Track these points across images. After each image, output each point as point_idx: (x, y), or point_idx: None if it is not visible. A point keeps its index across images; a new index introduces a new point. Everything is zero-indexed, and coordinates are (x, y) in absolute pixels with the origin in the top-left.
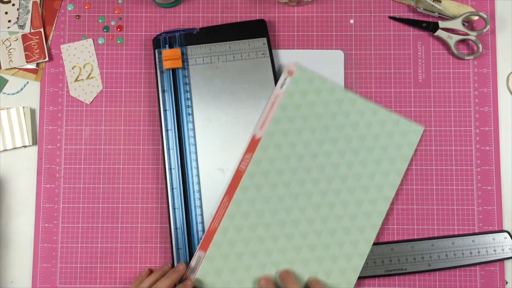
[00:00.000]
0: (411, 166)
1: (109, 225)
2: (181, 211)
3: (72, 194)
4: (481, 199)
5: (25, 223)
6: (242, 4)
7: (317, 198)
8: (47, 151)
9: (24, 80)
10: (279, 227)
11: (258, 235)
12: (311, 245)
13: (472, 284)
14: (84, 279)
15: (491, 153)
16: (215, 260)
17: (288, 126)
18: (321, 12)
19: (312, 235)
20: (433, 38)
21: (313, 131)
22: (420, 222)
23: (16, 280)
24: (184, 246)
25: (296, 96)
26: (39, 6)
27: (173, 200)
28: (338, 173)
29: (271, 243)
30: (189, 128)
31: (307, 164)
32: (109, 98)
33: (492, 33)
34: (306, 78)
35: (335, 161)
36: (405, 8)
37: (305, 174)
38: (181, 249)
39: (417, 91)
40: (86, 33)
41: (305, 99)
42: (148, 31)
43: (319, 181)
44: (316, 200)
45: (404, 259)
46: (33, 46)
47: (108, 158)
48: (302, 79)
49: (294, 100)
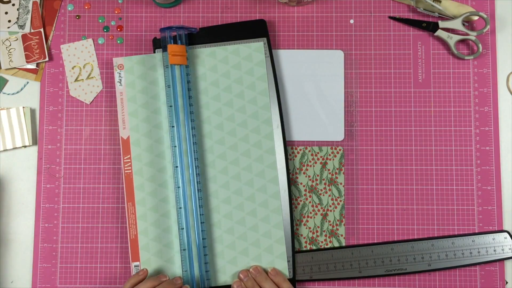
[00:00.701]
0: (411, 166)
1: (109, 225)
2: (183, 209)
3: (72, 194)
4: (481, 199)
5: (25, 223)
6: (242, 4)
7: (210, 172)
8: (47, 151)
9: (24, 80)
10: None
11: (175, 219)
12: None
13: (472, 284)
14: (84, 279)
15: (491, 153)
16: (151, 263)
17: (146, 113)
18: (321, 12)
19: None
20: (433, 38)
21: (171, 104)
22: (420, 222)
23: (16, 280)
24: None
25: (137, 83)
26: (39, 6)
27: (177, 199)
28: (215, 138)
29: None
30: (191, 126)
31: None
32: (109, 98)
33: (492, 33)
34: (136, 63)
35: (207, 125)
36: (405, 8)
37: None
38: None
39: (417, 91)
40: (86, 33)
41: (146, 80)
42: (148, 31)
43: (203, 154)
44: (210, 174)
45: (404, 259)
46: (33, 46)
47: (108, 158)
48: (133, 66)
49: (137, 87)
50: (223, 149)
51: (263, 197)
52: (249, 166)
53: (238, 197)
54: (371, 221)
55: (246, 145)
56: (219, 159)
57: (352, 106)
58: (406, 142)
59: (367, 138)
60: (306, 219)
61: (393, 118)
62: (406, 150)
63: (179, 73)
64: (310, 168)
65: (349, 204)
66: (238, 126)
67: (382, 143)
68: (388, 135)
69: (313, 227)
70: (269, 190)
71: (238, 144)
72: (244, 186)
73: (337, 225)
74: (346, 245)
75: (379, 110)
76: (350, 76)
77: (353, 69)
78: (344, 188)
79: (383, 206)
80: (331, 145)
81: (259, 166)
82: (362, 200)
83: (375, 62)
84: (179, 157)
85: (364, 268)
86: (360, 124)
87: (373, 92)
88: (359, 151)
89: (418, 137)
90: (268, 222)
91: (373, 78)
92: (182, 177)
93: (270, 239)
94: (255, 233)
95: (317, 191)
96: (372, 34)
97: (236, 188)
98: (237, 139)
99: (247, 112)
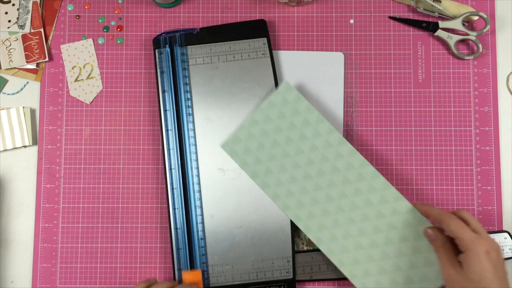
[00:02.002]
0: (411, 166)
1: (109, 225)
2: (181, 211)
3: (72, 194)
4: (481, 199)
5: (25, 223)
6: (242, 4)
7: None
8: (47, 151)
9: (24, 80)
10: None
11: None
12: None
13: None
14: (84, 279)
15: (491, 153)
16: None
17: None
18: (321, 12)
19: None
20: (433, 38)
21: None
22: None
23: (16, 280)
24: (184, 246)
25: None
26: (39, 6)
27: (173, 200)
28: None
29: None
30: (189, 128)
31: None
32: (109, 98)
33: (492, 33)
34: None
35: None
36: (405, 8)
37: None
38: (181, 249)
39: (417, 91)
40: (86, 33)
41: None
42: (148, 31)
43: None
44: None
45: None
46: (33, 46)
47: (108, 158)
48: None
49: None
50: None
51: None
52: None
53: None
54: None
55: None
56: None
57: (352, 106)
58: (406, 142)
59: (367, 138)
60: None
61: (393, 118)
62: (406, 150)
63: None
64: None
65: None
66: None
67: (382, 143)
68: (388, 135)
69: None
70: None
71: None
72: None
73: None
74: None
75: (379, 110)
76: (350, 76)
77: (353, 69)
78: None
79: None
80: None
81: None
82: None
83: (375, 62)
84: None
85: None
86: (360, 124)
87: (373, 92)
88: (359, 151)
89: (418, 137)
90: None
91: (373, 78)
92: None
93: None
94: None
95: None
96: (372, 34)
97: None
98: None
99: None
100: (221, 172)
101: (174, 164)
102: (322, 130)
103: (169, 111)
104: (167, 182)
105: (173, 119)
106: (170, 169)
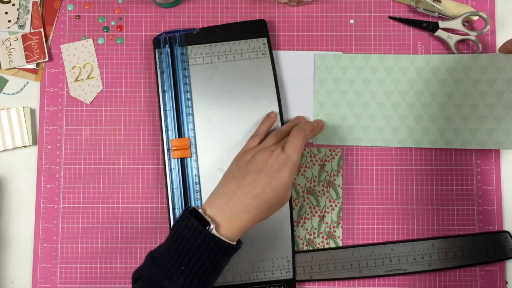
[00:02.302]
0: (411, 166)
1: (109, 225)
2: (181, 211)
3: (72, 194)
4: (481, 199)
5: (25, 223)
6: (242, 4)
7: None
8: (47, 151)
9: (24, 80)
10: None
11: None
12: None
13: (472, 284)
14: (84, 279)
15: (491, 153)
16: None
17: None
18: (321, 12)
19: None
20: (433, 38)
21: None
22: (420, 222)
23: (16, 280)
24: None
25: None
26: (39, 6)
27: (173, 200)
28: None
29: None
30: (189, 128)
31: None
32: (109, 98)
33: (492, 33)
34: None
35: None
36: (405, 8)
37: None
38: None
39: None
40: (86, 33)
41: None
42: (148, 31)
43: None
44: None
45: (404, 259)
46: (33, 46)
47: (108, 158)
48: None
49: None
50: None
51: None
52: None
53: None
54: (371, 221)
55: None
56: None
57: None
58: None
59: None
60: (304, 221)
61: None
62: (406, 150)
63: None
64: (308, 169)
65: (348, 205)
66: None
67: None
68: None
69: (310, 228)
70: None
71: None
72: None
73: (334, 227)
74: (346, 245)
75: None
76: None
77: None
78: (341, 190)
79: (383, 206)
80: (329, 147)
81: None
82: (362, 201)
83: None
84: None
85: (364, 268)
86: None
87: None
88: (359, 151)
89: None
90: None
91: None
92: None
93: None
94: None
95: (314, 192)
96: (372, 34)
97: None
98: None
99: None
100: (221, 172)
101: (174, 164)
102: (373, 64)
103: (169, 111)
104: (167, 182)
105: (173, 119)
106: (170, 169)
